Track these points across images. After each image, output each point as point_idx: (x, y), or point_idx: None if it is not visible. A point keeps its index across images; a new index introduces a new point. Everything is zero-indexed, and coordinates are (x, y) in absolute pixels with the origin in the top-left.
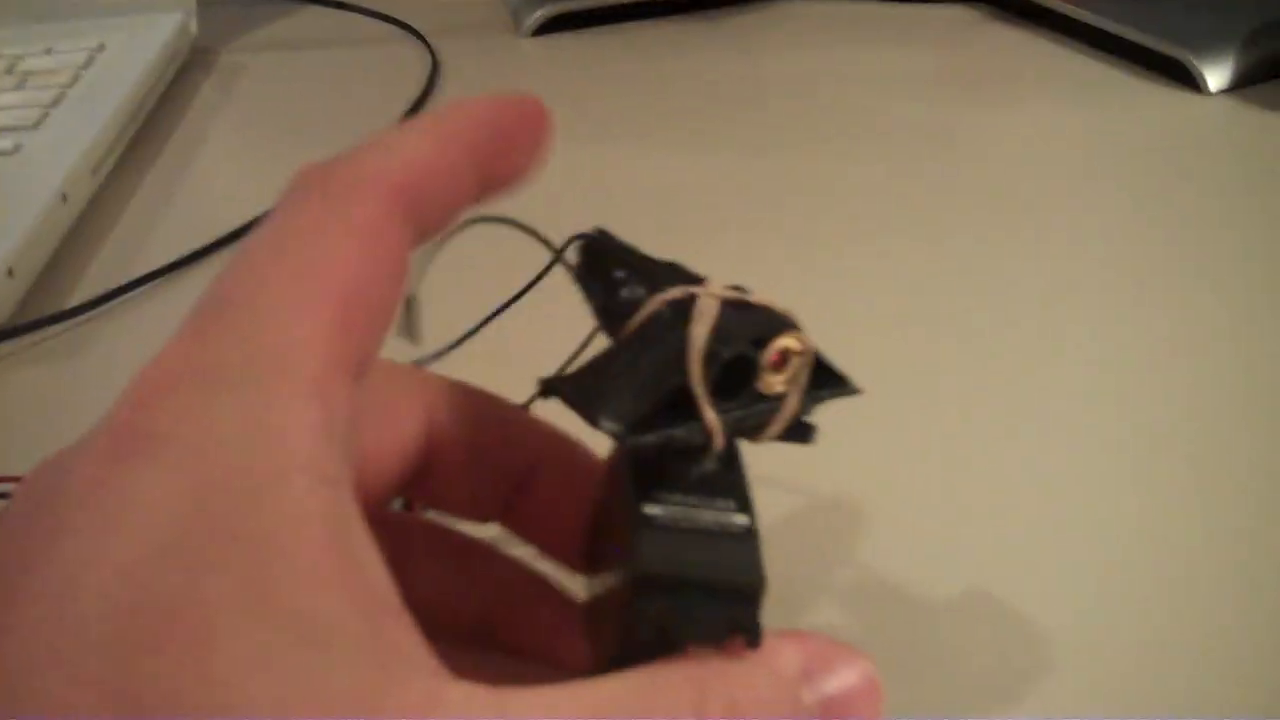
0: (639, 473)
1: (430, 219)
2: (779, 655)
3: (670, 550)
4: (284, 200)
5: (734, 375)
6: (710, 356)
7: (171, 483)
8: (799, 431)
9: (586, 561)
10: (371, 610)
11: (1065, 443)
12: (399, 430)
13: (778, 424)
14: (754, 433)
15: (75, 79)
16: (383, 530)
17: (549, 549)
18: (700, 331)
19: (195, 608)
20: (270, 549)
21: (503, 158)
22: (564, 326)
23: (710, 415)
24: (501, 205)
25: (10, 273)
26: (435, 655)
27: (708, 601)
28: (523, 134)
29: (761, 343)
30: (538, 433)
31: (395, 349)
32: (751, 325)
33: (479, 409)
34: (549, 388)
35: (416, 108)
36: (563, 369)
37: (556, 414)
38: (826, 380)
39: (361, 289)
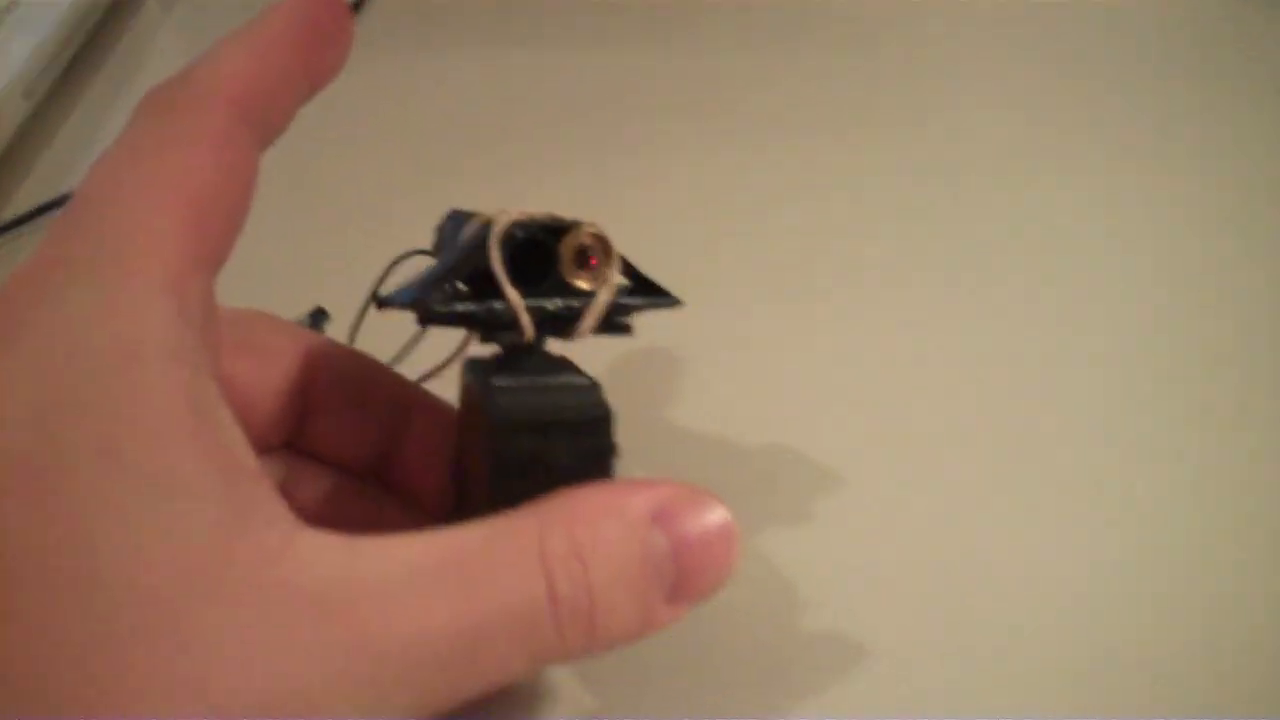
0: (484, 371)
1: (270, 121)
2: (628, 499)
3: (522, 401)
4: (134, 118)
5: (540, 270)
6: (507, 238)
7: (25, 365)
8: (615, 327)
9: (454, 505)
10: (225, 468)
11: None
12: (277, 371)
13: (589, 318)
14: (569, 326)
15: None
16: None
17: (421, 501)
18: (502, 222)
19: (45, 460)
20: (121, 414)
21: (321, 52)
22: None
23: (511, 292)
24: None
25: None
26: (292, 513)
27: (563, 436)
28: (335, 31)
29: (561, 235)
30: (409, 390)
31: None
32: (551, 221)
33: (355, 366)
34: (380, 301)
35: (358, 6)
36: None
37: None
38: (652, 293)
39: (211, 191)
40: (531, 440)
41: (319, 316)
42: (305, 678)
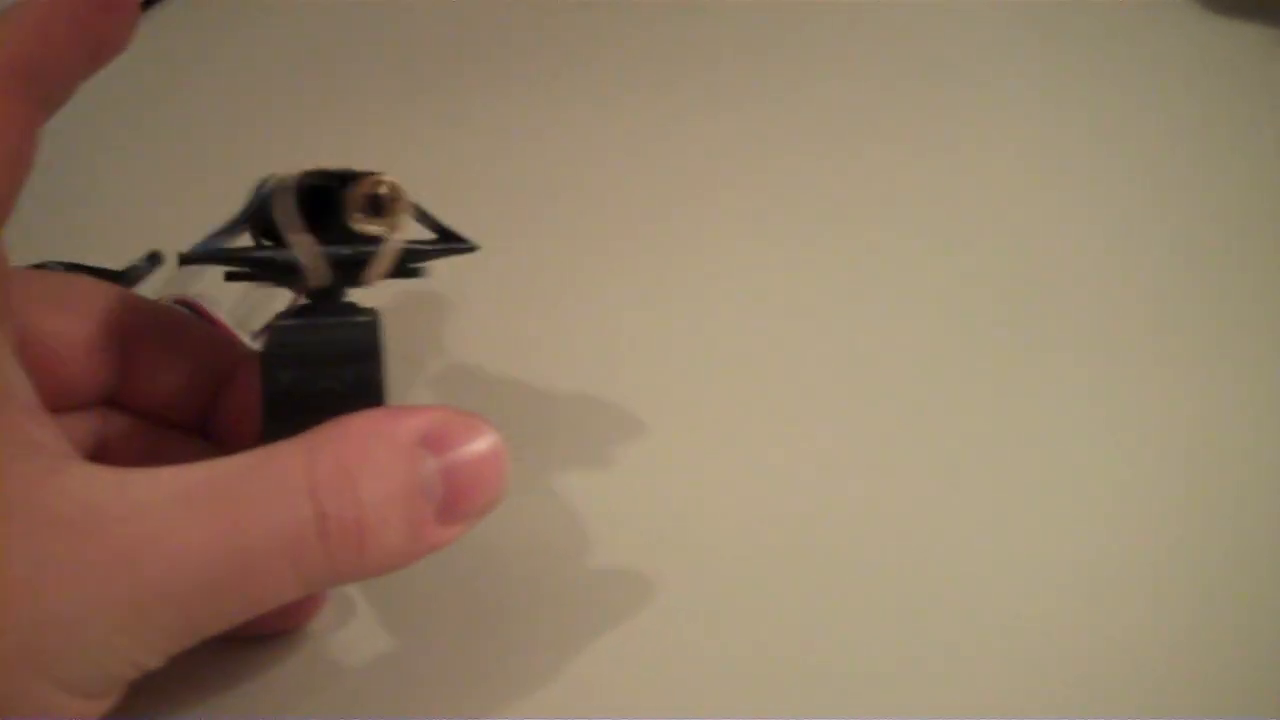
0: (279, 317)
1: (51, 91)
2: (398, 422)
3: (291, 337)
4: None
5: (335, 221)
6: (296, 187)
7: None
8: (407, 273)
9: None
10: (1, 403)
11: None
12: (89, 326)
13: (380, 262)
14: (360, 270)
15: None
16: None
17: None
18: (288, 174)
19: None
20: None
21: (103, 28)
22: None
23: (296, 237)
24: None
25: None
26: (68, 448)
27: (327, 366)
28: (116, 3)
29: (348, 182)
30: (229, 347)
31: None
32: (339, 170)
33: (171, 321)
34: (182, 257)
35: None
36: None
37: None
38: (447, 240)
39: None
40: (296, 371)
41: (153, 259)
42: (62, 598)
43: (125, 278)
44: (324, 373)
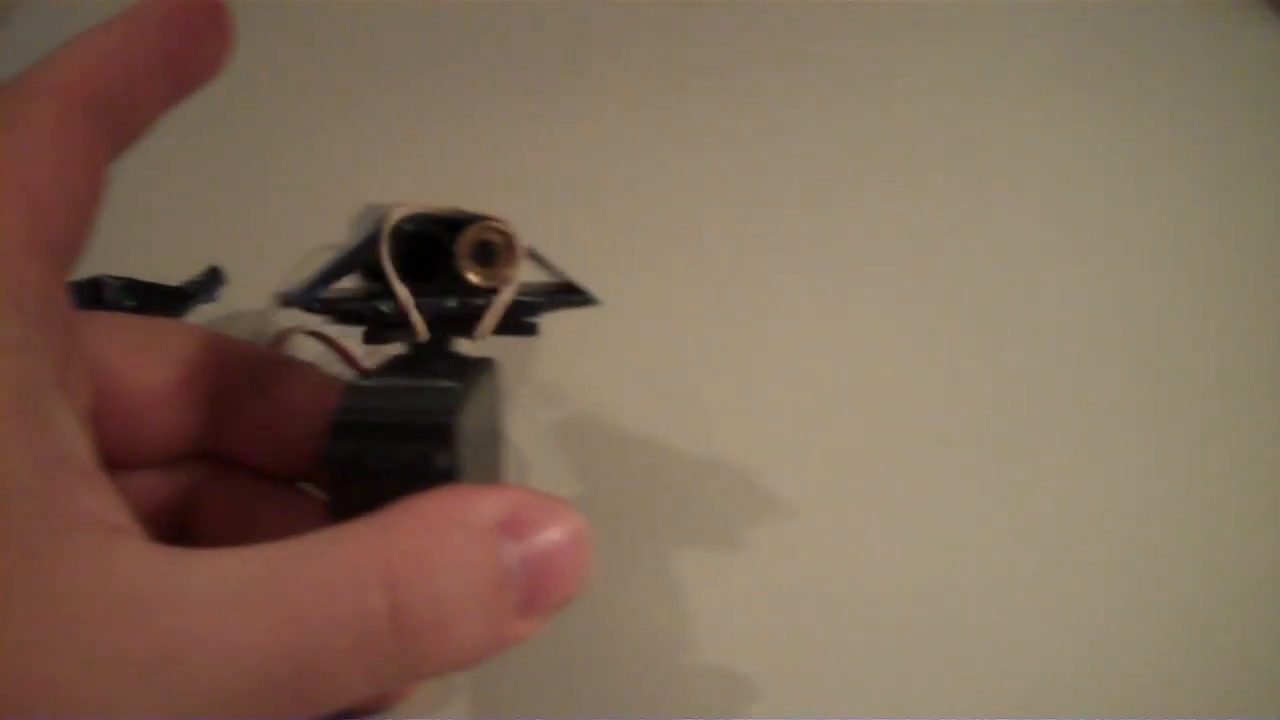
0: (369, 374)
1: (122, 118)
2: (475, 505)
3: (364, 402)
4: None
5: (437, 266)
6: (396, 233)
7: None
8: (519, 328)
9: None
10: (46, 465)
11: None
12: (175, 372)
13: (490, 317)
14: (468, 325)
15: None
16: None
17: None
18: (393, 217)
19: None
20: None
21: (188, 54)
22: None
23: (400, 288)
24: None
25: None
26: (126, 516)
27: (396, 441)
28: (206, 29)
29: (457, 230)
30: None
31: None
32: (452, 215)
33: (269, 365)
34: (282, 298)
35: None
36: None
37: None
38: (564, 292)
39: (49, 177)
40: (357, 443)
41: (213, 276)
42: (101, 692)
43: (185, 295)
44: (382, 448)
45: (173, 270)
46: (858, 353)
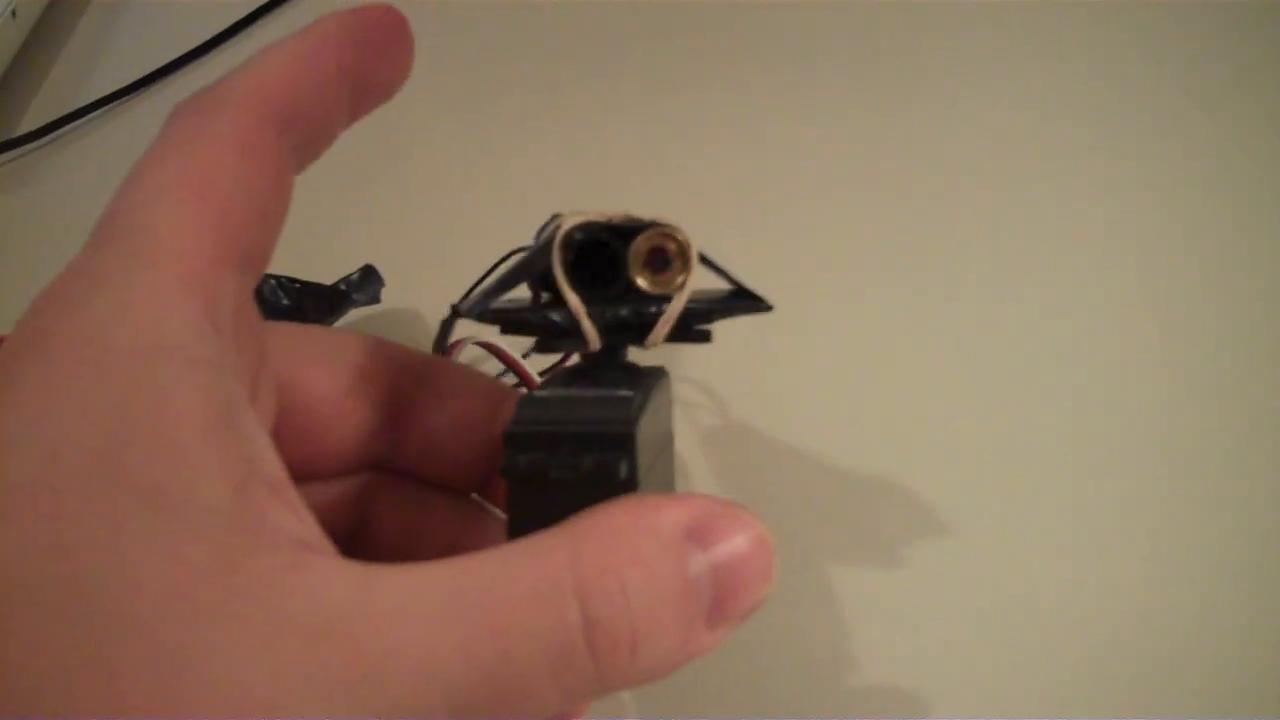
0: (544, 384)
1: (307, 132)
2: (660, 515)
3: (542, 413)
4: (163, 127)
5: (608, 274)
6: (567, 241)
7: (45, 374)
8: (692, 335)
9: None
10: (241, 482)
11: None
12: (356, 384)
13: (663, 325)
14: (640, 333)
15: None
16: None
17: None
18: (565, 225)
19: (47, 483)
20: (127, 422)
21: (371, 68)
22: None
23: (572, 297)
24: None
25: None
26: (316, 531)
27: (577, 451)
28: (388, 43)
29: (629, 237)
30: (512, 399)
31: None
32: (623, 222)
33: (443, 374)
34: (455, 309)
35: None
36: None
37: None
38: (737, 297)
39: (238, 189)
40: (537, 454)
41: (368, 275)
42: (301, 708)
43: (343, 294)
44: (561, 459)
45: (322, 270)
46: (1016, 361)
